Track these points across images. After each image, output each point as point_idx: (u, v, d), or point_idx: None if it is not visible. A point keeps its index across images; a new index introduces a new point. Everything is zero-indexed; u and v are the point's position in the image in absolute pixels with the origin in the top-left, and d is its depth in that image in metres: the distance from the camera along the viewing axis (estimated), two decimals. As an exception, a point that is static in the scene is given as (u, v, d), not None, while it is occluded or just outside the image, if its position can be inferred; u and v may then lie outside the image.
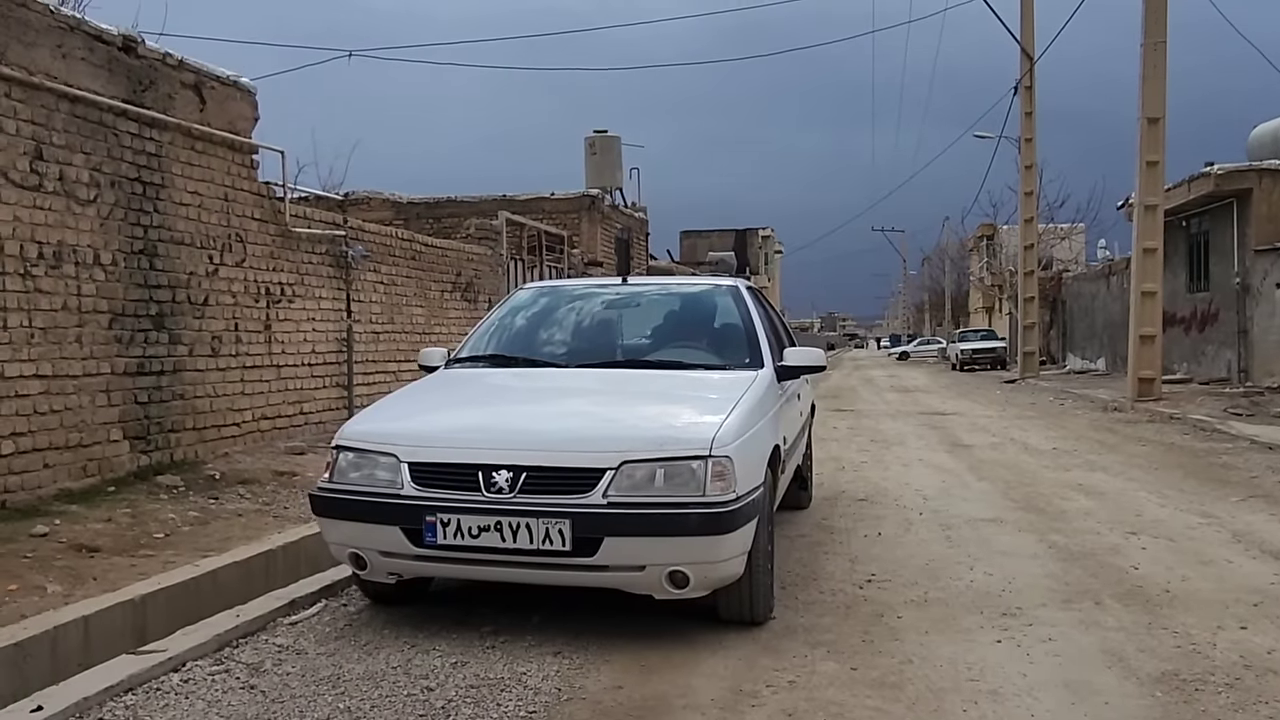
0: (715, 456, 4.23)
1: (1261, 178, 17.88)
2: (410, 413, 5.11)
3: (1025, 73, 25.88)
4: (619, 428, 4.52)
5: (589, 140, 21.40)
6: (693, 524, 4.14)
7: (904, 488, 8.64)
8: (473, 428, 4.73)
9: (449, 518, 4.23)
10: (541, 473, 4.23)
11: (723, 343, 5.72)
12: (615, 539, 4.14)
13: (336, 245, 9.77)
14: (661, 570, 4.21)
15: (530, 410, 4.95)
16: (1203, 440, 11.93)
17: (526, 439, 4.42)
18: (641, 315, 6.20)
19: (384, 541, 4.41)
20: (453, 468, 4.33)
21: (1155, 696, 3.72)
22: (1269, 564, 5.71)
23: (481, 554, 4.26)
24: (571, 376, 5.43)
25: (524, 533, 4.15)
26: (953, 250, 59.61)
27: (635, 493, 4.18)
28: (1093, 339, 29.51)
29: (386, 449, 4.49)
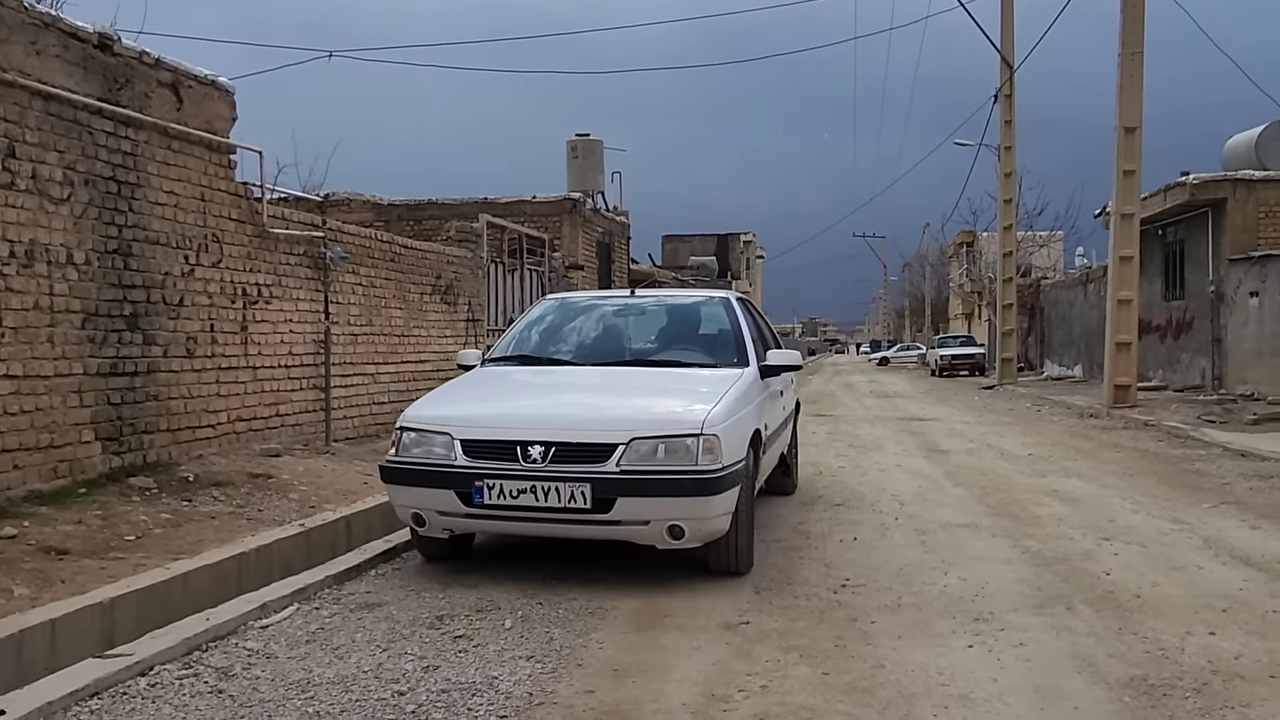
0: (705, 435, 5.29)
1: (1236, 188, 18.07)
2: (459, 401, 6.17)
3: (1005, 81, 26.07)
4: (629, 412, 5.59)
5: (571, 144, 21.39)
6: (687, 487, 5.20)
7: (881, 493, 8.67)
8: (511, 412, 5.93)
9: (494, 482, 5.29)
10: (567, 447, 5.27)
11: (714, 345, 6.87)
12: (626, 499, 5.20)
13: (315, 246, 9.72)
14: (662, 524, 5.26)
15: (557, 399, 6.16)
16: (1176, 447, 12.03)
17: (555, 421, 5.54)
18: (646, 322, 7.42)
19: (440, 503, 5.46)
20: (496, 443, 5.39)
21: (1123, 701, 3.74)
22: (1239, 570, 5.76)
23: (519, 511, 5.32)
24: (588, 373, 6.55)
25: (554, 494, 5.21)
26: (933, 256, 59.99)
27: (642, 463, 5.23)
28: (1070, 346, 29.73)
29: (442, 429, 5.57)
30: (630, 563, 5.94)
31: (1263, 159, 19.36)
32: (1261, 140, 19.85)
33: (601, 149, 21.50)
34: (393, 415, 11.20)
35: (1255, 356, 16.92)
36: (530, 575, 5.66)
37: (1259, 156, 19.49)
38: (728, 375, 6.26)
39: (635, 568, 5.83)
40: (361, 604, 5.12)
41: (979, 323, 45.30)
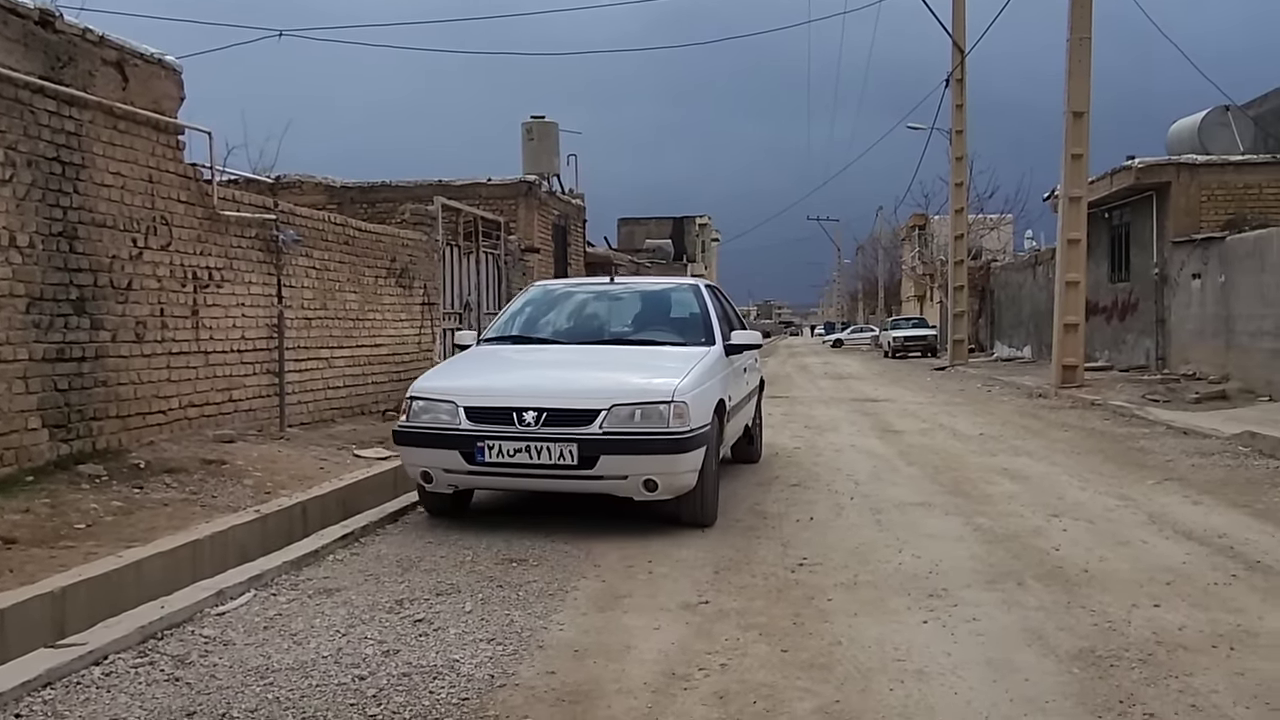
0: (675, 402, 6.11)
1: (1179, 172, 18.44)
2: (461, 375, 6.94)
3: (956, 66, 26.33)
4: (609, 383, 6.33)
5: (526, 126, 21.22)
6: (660, 446, 6.02)
7: (836, 473, 8.78)
8: (508, 383, 6.62)
9: (493, 443, 6.07)
10: (557, 413, 6.05)
11: (684, 326, 7.72)
12: (608, 457, 5.99)
13: (267, 229, 9.56)
14: (639, 479, 6.05)
15: (547, 373, 6.84)
16: (1122, 425, 12.31)
17: (546, 390, 6.28)
18: (624, 306, 8.17)
19: (446, 461, 6.26)
20: (495, 410, 6.17)
21: (1072, 673, 3.84)
22: (1182, 544, 5.93)
23: (515, 469, 6.10)
24: (573, 351, 7.36)
25: (545, 453, 5.99)
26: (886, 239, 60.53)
27: (621, 426, 6.02)
28: (1019, 327, 30.22)
29: (448, 398, 6.35)
30: (589, 545, 5.98)
31: (1205, 144, 19.77)
32: (1204, 125, 20.27)
33: (557, 131, 21.37)
34: (348, 400, 11.12)
35: (1197, 337, 17.33)
36: (489, 558, 5.67)
37: (1202, 141, 19.91)
38: (696, 352, 7.08)
39: (594, 550, 5.86)
40: (319, 589, 5.09)
41: (931, 305, 45.87)
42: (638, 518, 6.79)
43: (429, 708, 3.58)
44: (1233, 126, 20.47)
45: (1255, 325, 14.70)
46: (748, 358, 8.43)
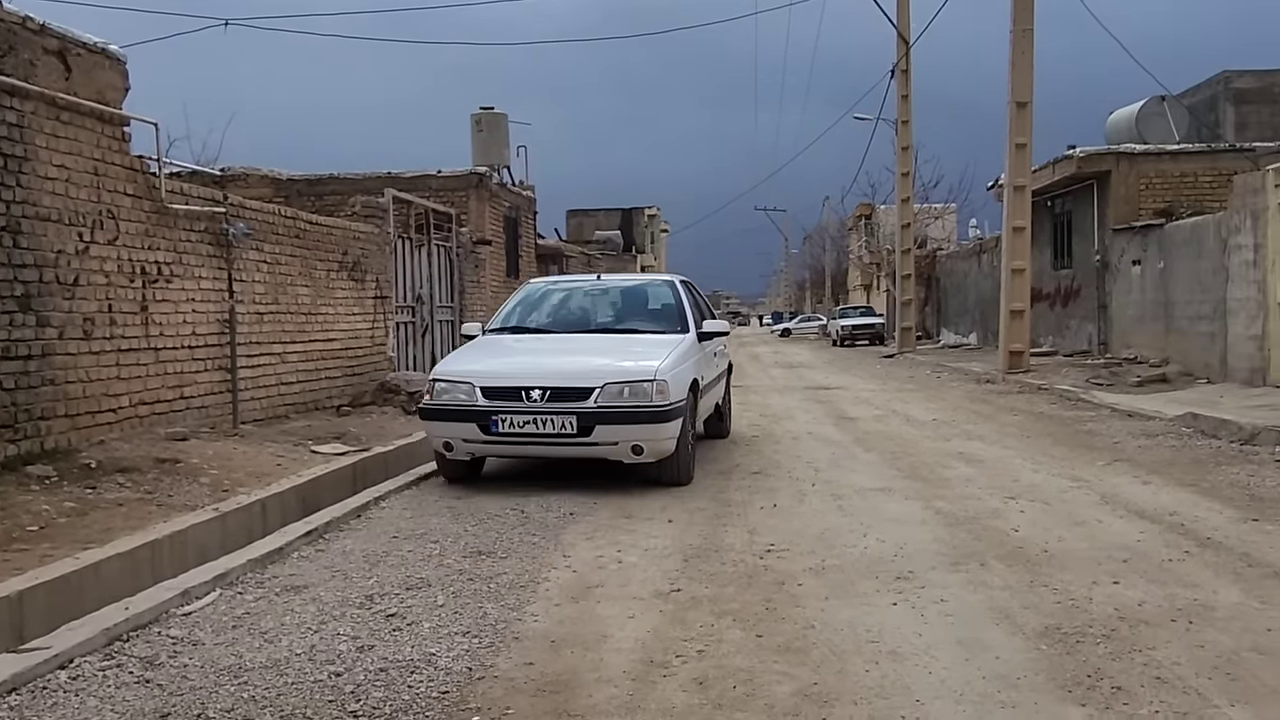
0: (657, 380, 7.25)
1: (1119, 160, 18.87)
2: (475, 360, 7.97)
3: (901, 57, 26.63)
4: (602, 365, 7.47)
5: (475, 117, 21.03)
6: (645, 417, 7.13)
7: (795, 460, 8.87)
8: (517, 367, 7.73)
9: (505, 416, 7.21)
10: (559, 390, 7.20)
11: (661, 317, 8.86)
12: (602, 426, 7.09)
13: (217, 223, 9.37)
14: (628, 444, 7.16)
15: (548, 358, 7.92)
16: (1069, 409, 12.60)
17: (549, 372, 7.40)
18: (608, 300, 9.35)
19: (466, 433, 7.37)
20: (507, 389, 7.31)
21: (1041, 649, 3.94)
22: (1135, 523, 6.09)
23: (525, 438, 7.24)
24: (568, 339, 8.52)
25: (549, 423, 7.15)
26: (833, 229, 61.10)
27: (612, 401, 7.15)
28: (965, 315, 30.73)
29: (466, 379, 7.49)
30: (558, 536, 5.98)
31: (1143, 133, 20.25)
32: (1141, 115, 20.74)
33: (506, 122, 21.21)
34: (302, 395, 10.97)
35: (1138, 322, 17.78)
36: (456, 552, 5.65)
37: (1139, 131, 20.38)
38: (673, 339, 8.22)
39: (562, 541, 5.87)
40: (287, 586, 5.03)
41: (878, 293, 46.43)
42: (605, 508, 6.82)
43: (409, 702, 3.56)
44: (1168, 116, 20.98)
45: (1193, 310, 15.12)
46: (717, 343, 9.49)
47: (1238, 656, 3.82)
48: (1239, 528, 5.90)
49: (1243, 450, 8.71)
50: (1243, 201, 13.17)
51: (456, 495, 7.39)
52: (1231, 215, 13.55)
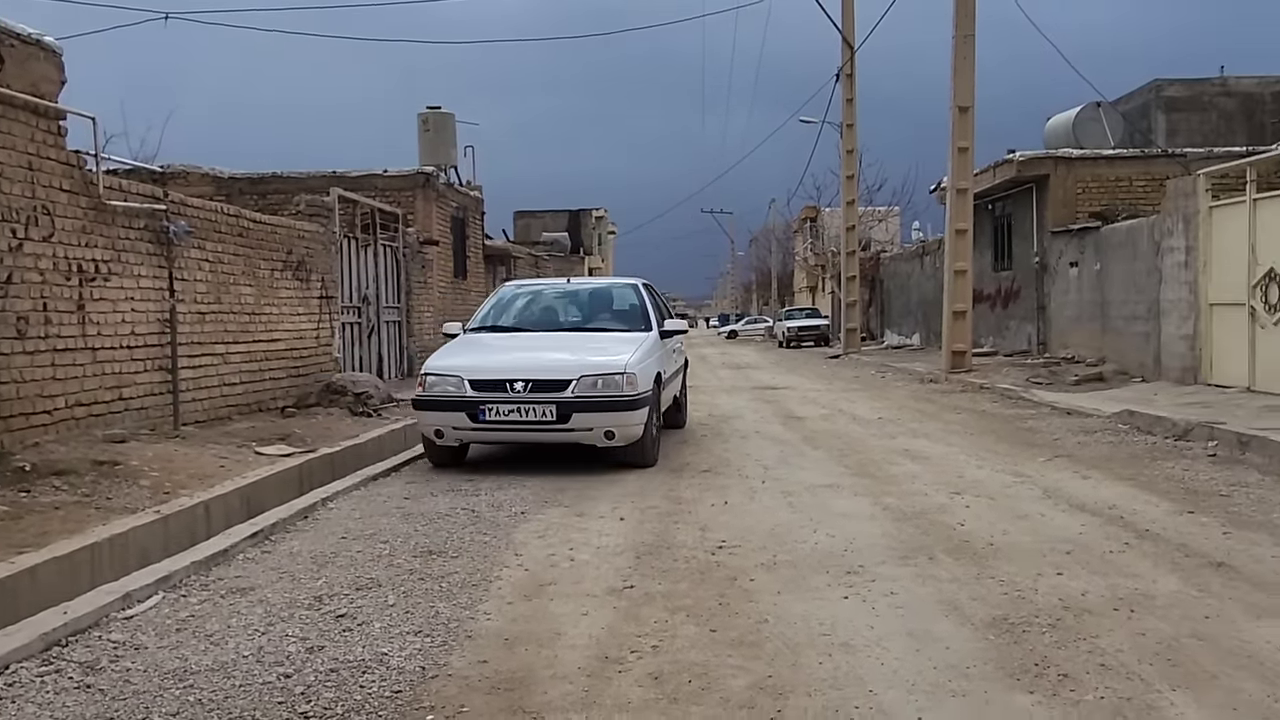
0: (626, 373, 8.02)
1: (1057, 165, 19.30)
2: (462, 355, 8.61)
3: (846, 61, 26.94)
4: (577, 360, 8.20)
5: (422, 116, 20.83)
6: (616, 405, 7.92)
7: (745, 458, 8.92)
8: (501, 361, 8.37)
9: (492, 406, 7.91)
10: (539, 382, 7.92)
11: (627, 316, 9.69)
12: (578, 414, 7.86)
13: (157, 220, 9.16)
14: (601, 429, 7.91)
15: (528, 354, 8.57)
16: (1010, 407, 12.85)
17: (530, 366, 8.12)
18: (578, 301, 10.18)
19: (456, 421, 8.06)
20: (493, 381, 8.00)
21: (989, 639, 4.01)
22: (1077, 516, 6.23)
23: (509, 425, 7.95)
24: (544, 336, 9.27)
25: (531, 412, 7.88)
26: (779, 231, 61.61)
27: (587, 391, 7.89)
28: (909, 316, 31.18)
29: (455, 373, 8.16)
30: (509, 535, 5.95)
31: (1079, 138, 20.72)
32: (1078, 121, 21.22)
33: (454, 122, 21.06)
34: (245, 397, 10.77)
35: (1075, 322, 18.19)
36: (406, 551, 5.59)
37: (1076, 136, 20.85)
38: (638, 336, 9.04)
39: (514, 539, 5.84)
40: (232, 589, 4.93)
41: (823, 295, 46.92)
42: (557, 507, 6.81)
43: (361, 702, 3.51)
44: (1104, 122, 21.51)
45: (1129, 310, 15.51)
46: (676, 341, 10.30)
47: (1177, 643, 3.92)
48: (1175, 520, 6.07)
49: (1177, 445, 8.95)
50: (1175, 205, 13.54)
51: (406, 495, 7.31)
52: (1164, 218, 13.92)
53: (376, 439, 9.96)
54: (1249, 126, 23.71)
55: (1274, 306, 11.30)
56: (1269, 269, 11.37)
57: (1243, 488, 6.98)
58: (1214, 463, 8.04)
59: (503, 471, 8.32)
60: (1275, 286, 11.27)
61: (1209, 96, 25.06)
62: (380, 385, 12.69)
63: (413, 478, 8.18)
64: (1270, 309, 11.37)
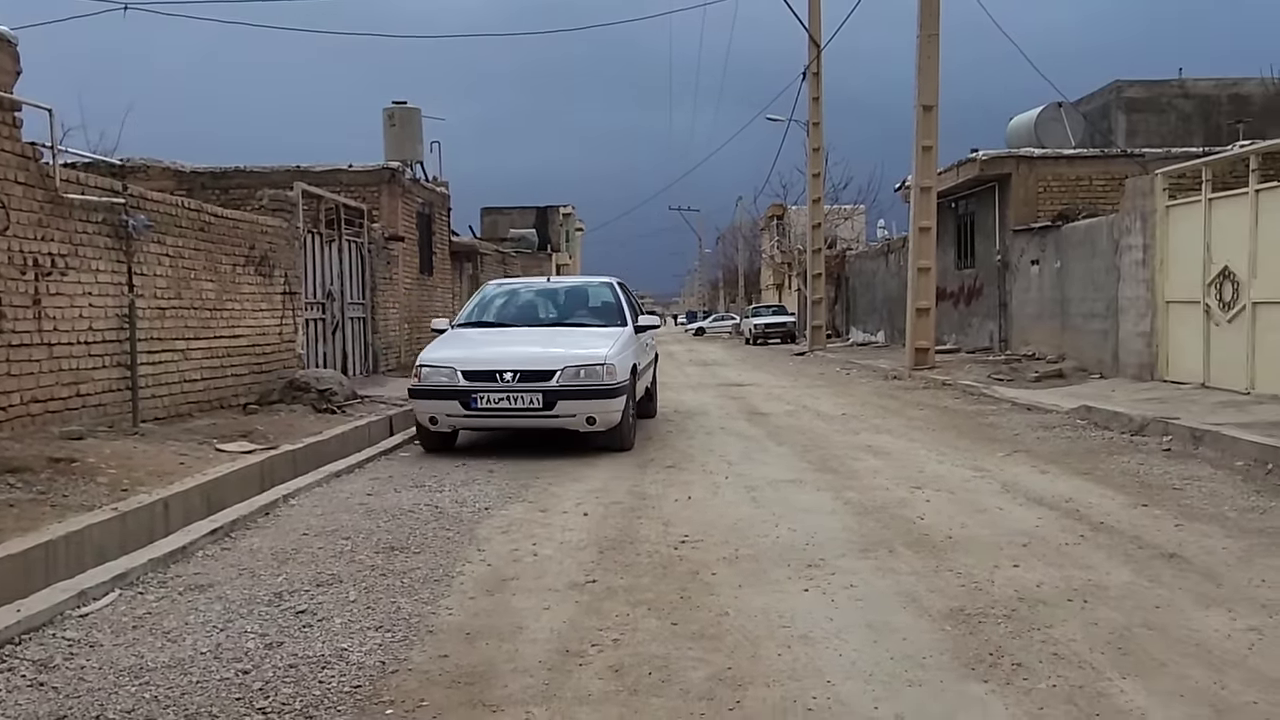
0: (606, 364, 8.73)
1: (1019, 164, 19.54)
2: (454, 348, 9.30)
3: (813, 59, 27.09)
4: (561, 352, 8.92)
5: (388, 112, 20.66)
6: (597, 393, 8.60)
7: (709, 454, 8.96)
8: (489, 354, 9.01)
9: (483, 394, 8.59)
10: (527, 373, 8.62)
11: (604, 312, 10.45)
12: (563, 401, 8.55)
13: (116, 214, 9.02)
14: (583, 415, 8.62)
15: (515, 347, 9.23)
16: (972, 403, 13.00)
17: (518, 358, 8.82)
18: (558, 298, 10.98)
19: (449, 409, 8.73)
20: (484, 371, 8.68)
21: (945, 630, 4.07)
22: (1034, 510, 6.33)
23: (499, 412, 8.65)
24: (528, 331, 9.97)
25: (520, 400, 8.56)
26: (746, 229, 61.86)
27: (571, 381, 8.59)
28: (873, 313, 31.43)
29: (448, 364, 8.85)
30: (471, 530, 5.94)
31: (1041, 138, 21.00)
32: (1039, 121, 21.52)
33: (419, 117, 20.90)
34: (206, 393, 10.65)
35: (1036, 320, 18.43)
36: (368, 547, 5.57)
37: (1037, 135, 21.13)
38: (615, 331, 9.75)
39: (476, 535, 5.83)
40: (191, 586, 4.89)
41: (789, 292, 47.15)
42: (520, 503, 6.81)
43: (320, 697, 3.50)
44: (1065, 122, 21.82)
45: (1088, 308, 15.74)
46: (649, 336, 11.05)
47: (1129, 632, 4.00)
48: (1130, 513, 6.18)
49: (1133, 441, 9.10)
50: (1133, 204, 13.76)
51: (369, 492, 7.27)
52: (1123, 217, 14.15)
53: (340, 435, 9.89)
54: (1206, 128, 24.16)
55: (1228, 304, 11.52)
56: (1223, 267, 11.59)
57: (1195, 481, 7.12)
58: (1168, 457, 8.19)
59: (468, 468, 8.30)
60: (1229, 284, 11.49)
61: (1168, 98, 25.50)
62: (344, 382, 12.59)
63: (376, 474, 8.14)
64: (1224, 306, 11.59)
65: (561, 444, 8.99)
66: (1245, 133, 19.78)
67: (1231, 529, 5.69)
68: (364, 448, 9.58)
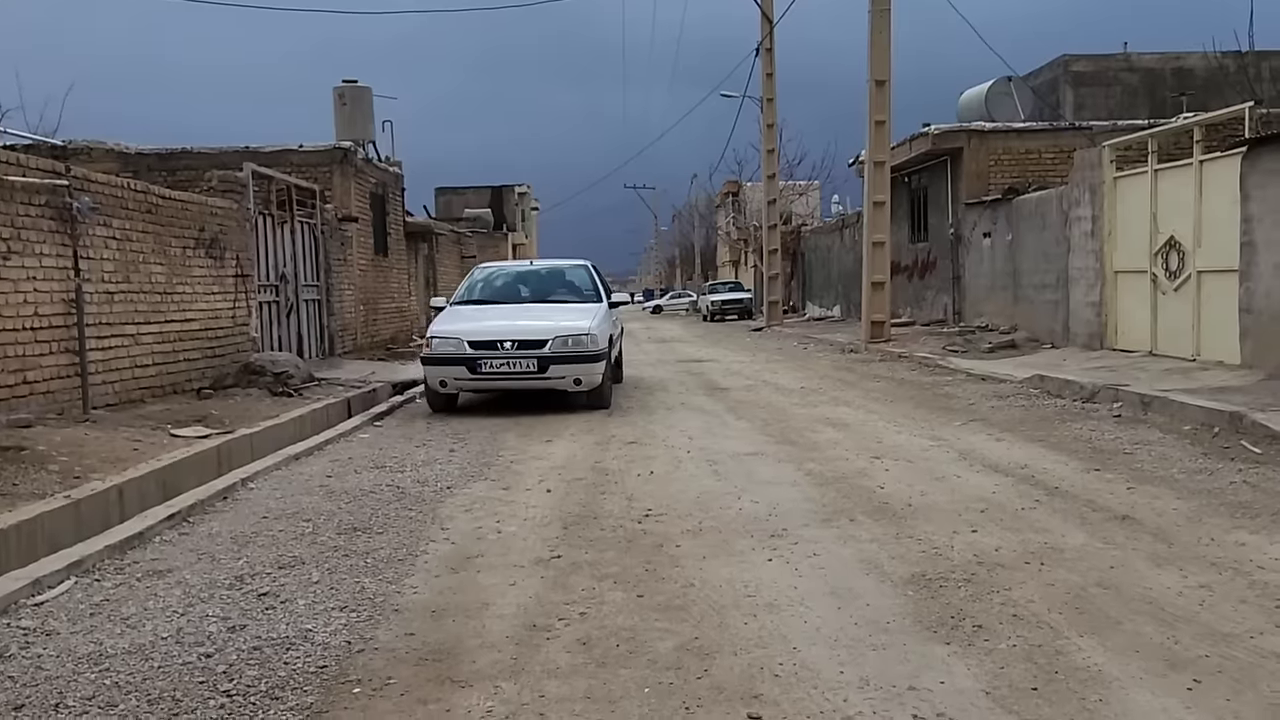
0: (590, 334, 10.25)
1: (970, 138, 19.72)
2: (456, 322, 10.79)
3: (766, 35, 27.08)
4: (551, 324, 10.42)
5: (338, 91, 20.29)
6: (583, 359, 10.10)
7: (670, 430, 8.99)
8: (490, 326, 10.49)
9: (487, 360, 10.04)
10: (524, 341, 10.08)
11: (582, 291, 12.11)
12: (554, 365, 10.02)
13: (59, 196, 8.79)
14: (571, 377, 10.08)
15: (511, 321, 10.71)
16: (928, 375, 13.16)
17: (514, 330, 10.30)
18: (541, 278, 12.54)
19: (457, 374, 10.17)
20: (487, 341, 10.13)
21: (907, 595, 4.13)
22: (991, 477, 6.43)
23: (500, 375, 10.10)
24: (519, 308, 11.49)
25: (518, 365, 10.03)
26: (701, 206, 61.91)
27: (560, 349, 10.07)
28: (829, 288, 31.65)
29: (455, 335, 10.30)
30: (434, 509, 5.91)
31: (992, 111, 21.23)
32: (990, 95, 21.74)
33: (371, 96, 20.56)
34: (159, 378, 10.47)
35: (989, 292, 18.68)
36: (330, 529, 5.52)
37: (988, 109, 21.36)
38: (593, 307, 11.41)
39: (439, 514, 5.80)
40: (149, 571, 4.81)
41: (745, 269, 47.31)
42: (482, 481, 6.79)
43: (285, 679, 3.47)
44: (1014, 96, 22.08)
45: (1039, 279, 15.97)
46: (617, 312, 12.65)
47: (1085, 592, 4.09)
48: (1083, 478, 6.30)
49: (1084, 408, 9.28)
50: (1082, 176, 13.97)
51: (328, 474, 7.21)
52: (1072, 189, 14.35)
53: (298, 419, 9.78)
54: (1151, 101, 24.53)
55: (1174, 273, 11.75)
56: (1169, 237, 11.82)
57: (1145, 445, 7.29)
58: (1119, 423, 8.36)
59: (429, 448, 8.25)
60: (1175, 254, 11.72)
61: (1114, 72, 25.85)
62: (300, 364, 12.44)
63: (336, 456, 8.06)
64: (1170, 275, 11.82)
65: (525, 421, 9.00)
66: (1189, 105, 20.13)
67: (1181, 490, 5.84)
68: (322, 430, 9.49)
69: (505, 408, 10.75)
